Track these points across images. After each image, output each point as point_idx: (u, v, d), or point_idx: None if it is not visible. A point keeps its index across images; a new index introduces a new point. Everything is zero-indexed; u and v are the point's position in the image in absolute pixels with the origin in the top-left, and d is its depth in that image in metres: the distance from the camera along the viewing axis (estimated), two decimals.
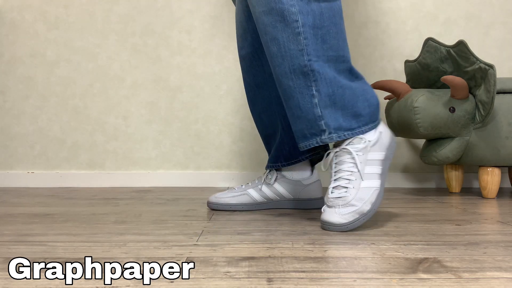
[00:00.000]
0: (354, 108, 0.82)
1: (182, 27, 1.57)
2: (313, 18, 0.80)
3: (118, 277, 0.52)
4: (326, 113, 0.81)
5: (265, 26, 0.82)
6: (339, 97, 0.81)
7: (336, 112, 0.81)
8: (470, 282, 0.50)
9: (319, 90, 0.81)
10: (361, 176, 0.81)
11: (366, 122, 0.83)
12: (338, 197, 0.80)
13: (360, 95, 0.83)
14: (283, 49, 0.81)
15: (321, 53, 0.80)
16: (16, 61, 1.56)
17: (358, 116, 0.82)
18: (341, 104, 0.81)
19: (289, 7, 0.79)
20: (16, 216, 0.95)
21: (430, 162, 1.27)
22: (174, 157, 1.57)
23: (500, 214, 0.97)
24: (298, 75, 0.81)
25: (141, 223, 0.87)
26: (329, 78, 0.81)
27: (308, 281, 0.51)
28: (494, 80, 1.13)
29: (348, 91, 0.81)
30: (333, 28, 0.81)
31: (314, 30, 0.80)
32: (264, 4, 0.81)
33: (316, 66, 0.80)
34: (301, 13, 0.79)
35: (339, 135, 0.82)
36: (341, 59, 0.82)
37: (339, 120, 0.81)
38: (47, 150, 1.56)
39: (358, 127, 0.83)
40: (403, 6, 1.57)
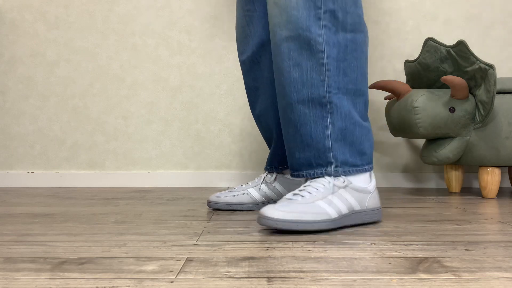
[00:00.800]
0: (361, 145, 0.84)
1: (182, 27, 1.57)
2: (337, 51, 0.81)
3: (118, 277, 0.52)
4: (336, 147, 0.82)
5: (290, 51, 0.82)
6: (350, 133, 0.83)
7: (345, 147, 0.83)
8: (470, 282, 0.50)
9: (333, 122, 0.82)
10: (324, 197, 0.80)
11: (369, 161, 0.86)
12: (289, 199, 0.78)
13: (366, 134, 0.85)
14: (305, 77, 0.82)
15: (341, 85, 0.82)
16: (16, 61, 1.56)
17: (363, 154, 0.85)
18: (351, 140, 0.83)
19: (316, 36, 0.80)
20: (16, 216, 0.95)
21: (430, 162, 1.27)
22: (174, 157, 1.57)
23: (500, 214, 0.97)
24: (316, 105, 0.82)
25: (141, 223, 0.87)
26: (345, 112, 0.82)
27: (308, 281, 0.51)
28: (494, 80, 1.13)
29: (359, 129, 0.84)
30: (354, 62, 0.83)
31: (337, 63, 0.81)
32: (291, 29, 0.81)
33: (334, 98, 0.81)
34: (327, 44, 0.81)
35: (344, 169, 0.83)
36: (358, 93, 0.84)
37: (346, 155, 0.83)
38: (47, 150, 1.56)
39: (362, 164, 0.85)
40: (403, 6, 1.57)
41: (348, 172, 0.83)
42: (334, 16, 0.81)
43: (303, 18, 0.81)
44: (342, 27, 0.81)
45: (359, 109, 0.85)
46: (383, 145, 1.57)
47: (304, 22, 0.81)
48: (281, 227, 0.74)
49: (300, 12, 0.81)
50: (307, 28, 0.80)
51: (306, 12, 0.81)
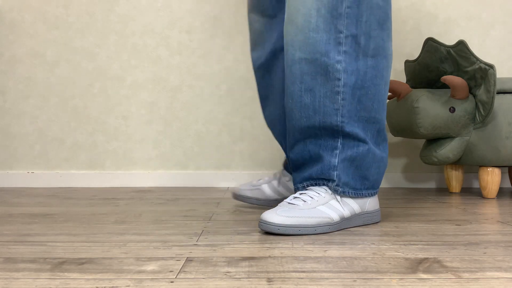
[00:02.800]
0: (366, 171, 0.82)
1: (182, 27, 1.57)
2: (355, 78, 0.78)
3: (118, 277, 0.52)
4: (342, 167, 0.81)
5: (303, 75, 0.78)
6: (359, 157, 0.81)
7: (350, 168, 0.81)
8: (470, 282, 0.50)
9: (344, 145, 0.81)
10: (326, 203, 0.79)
11: (368, 187, 0.84)
12: (290, 203, 0.78)
13: (376, 161, 0.83)
14: (317, 103, 0.78)
15: (354, 114, 0.79)
16: (16, 61, 1.56)
17: (365, 179, 0.83)
18: (357, 164, 0.81)
19: (335, 63, 0.76)
20: (16, 216, 0.95)
21: (430, 162, 1.27)
22: (174, 157, 1.57)
23: (500, 214, 0.97)
24: (328, 131, 0.80)
25: (141, 223, 0.87)
26: (356, 138, 0.80)
27: (308, 281, 0.51)
28: (494, 80, 1.13)
29: (370, 155, 0.82)
30: (372, 89, 0.79)
31: (353, 91, 0.78)
32: (308, 51, 0.77)
33: (347, 128, 0.79)
34: (345, 72, 0.77)
35: (344, 190, 0.81)
36: (372, 120, 0.81)
37: (349, 177, 0.81)
38: (47, 150, 1.56)
39: (360, 189, 0.83)
40: (403, 6, 1.57)
41: (347, 194, 0.81)
42: (356, 42, 0.76)
43: (322, 42, 0.75)
44: (364, 53, 0.77)
45: (370, 136, 0.82)
46: None
47: (323, 46, 0.75)
48: (282, 232, 0.74)
49: (320, 34, 0.75)
50: (325, 53, 0.75)
51: (326, 35, 0.75)
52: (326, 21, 0.75)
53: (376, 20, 0.77)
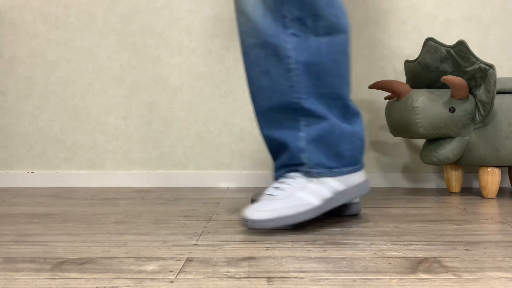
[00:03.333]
0: (337, 148, 0.81)
1: (182, 27, 1.57)
2: (308, 55, 0.78)
3: (118, 277, 0.52)
4: (310, 148, 0.80)
5: (258, 58, 0.80)
6: (326, 134, 0.80)
7: (320, 148, 0.81)
8: (470, 282, 0.50)
9: (308, 125, 0.81)
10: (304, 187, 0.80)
11: (346, 164, 0.83)
12: (270, 194, 0.79)
13: (347, 136, 0.82)
14: (274, 84, 0.80)
15: (313, 90, 0.79)
16: (16, 61, 1.56)
17: (340, 156, 0.82)
18: (326, 142, 0.80)
19: (284, 43, 0.78)
20: (16, 216, 0.95)
21: (430, 162, 1.27)
22: (174, 157, 1.57)
23: (500, 214, 0.97)
24: (288, 110, 0.80)
25: (141, 223, 0.87)
26: (317, 115, 0.80)
27: (308, 281, 0.51)
28: (494, 80, 1.13)
29: (336, 131, 0.81)
30: (329, 64, 0.79)
31: (307, 67, 0.78)
32: (258, 36, 0.79)
33: (305, 103, 0.79)
34: (295, 49, 0.78)
35: (318, 171, 0.81)
36: (335, 96, 0.81)
37: (321, 157, 0.81)
38: (47, 150, 1.56)
39: (337, 167, 0.82)
40: (403, 6, 1.57)
41: (323, 174, 0.81)
42: (303, 23, 0.77)
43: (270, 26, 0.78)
44: (315, 32, 0.78)
45: (337, 112, 0.82)
46: (383, 145, 1.57)
47: (272, 30, 0.78)
48: (263, 227, 0.75)
49: (267, 20, 0.78)
50: (274, 36, 0.78)
51: (273, 21, 0.78)
52: (271, 9, 0.78)
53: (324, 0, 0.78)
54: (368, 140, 1.58)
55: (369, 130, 1.58)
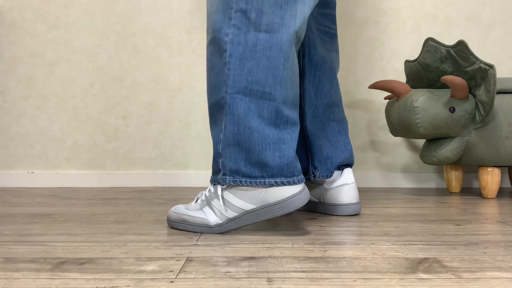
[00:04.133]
0: (260, 155, 0.74)
1: (182, 27, 1.57)
2: (243, 49, 0.75)
3: (118, 277, 0.52)
4: (226, 152, 0.75)
5: (209, 55, 0.80)
6: (245, 138, 0.74)
7: (239, 154, 0.75)
8: (470, 282, 0.50)
9: (226, 125, 0.76)
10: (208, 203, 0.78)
11: (274, 174, 0.74)
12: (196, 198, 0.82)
13: (273, 142, 0.74)
14: (216, 80, 0.77)
15: (243, 85, 0.75)
16: (16, 61, 1.56)
17: (264, 165, 0.74)
18: (246, 146, 0.74)
19: (223, 36, 0.77)
20: (16, 216, 0.95)
21: (430, 162, 1.27)
22: (174, 157, 1.57)
23: (500, 214, 0.97)
24: (219, 107, 0.77)
25: (141, 223, 0.87)
26: (239, 114, 0.74)
27: (308, 281, 0.51)
28: (494, 80, 1.13)
29: (257, 135, 0.74)
30: (264, 61, 0.75)
31: (241, 61, 0.75)
32: (210, 33, 0.79)
33: (228, 99, 0.75)
34: (231, 43, 0.76)
35: (235, 179, 0.75)
36: (266, 97, 0.75)
37: (240, 164, 0.75)
38: (47, 150, 1.56)
39: (262, 177, 0.74)
40: (403, 6, 1.57)
41: (240, 183, 0.74)
42: (246, 16, 0.76)
43: (219, 20, 0.78)
44: (255, 27, 0.76)
45: (266, 115, 0.75)
46: (383, 145, 1.57)
47: (219, 24, 0.77)
48: (169, 225, 0.82)
49: (218, 15, 0.78)
50: (219, 29, 0.77)
51: (222, 14, 0.78)
52: (224, 2, 0.78)
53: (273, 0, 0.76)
54: (368, 140, 1.58)
55: (369, 130, 1.58)
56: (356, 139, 1.57)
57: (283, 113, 0.76)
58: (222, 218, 0.76)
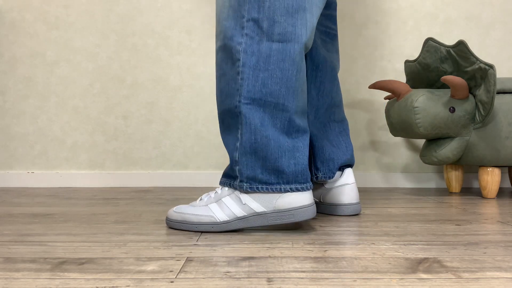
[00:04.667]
0: (276, 162, 0.76)
1: (182, 27, 1.57)
2: (256, 59, 0.76)
3: (118, 277, 0.52)
4: (243, 160, 0.77)
5: (220, 61, 0.81)
6: (261, 147, 0.76)
7: (256, 162, 0.77)
8: (470, 282, 0.50)
9: (242, 134, 0.77)
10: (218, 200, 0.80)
11: (289, 181, 0.77)
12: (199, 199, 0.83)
13: (288, 150, 0.77)
14: (227, 87, 0.79)
15: (258, 97, 0.76)
16: (16, 61, 1.56)
17: (280, 172, 0.76)
18: (263, 155, 0.76)
19: (236, 45, 0.77)
20: (16, 216, 0.95)
21: (430, 162, 1.27)
22: (174, 157, 1.57)
23: (500, 214, 0.97)
24: (232, 115, 0.78)
25: (141, 223, 0.87)
26: (255, 124, 0.76)
27: (308, 281, 0.51)
28: (494, 80, 1.13)
29: (273, 143, 0.76)
30: (277, 72, 0.76)
31: (254, 72, 0.76)
32: (220, 39, 0.80)
33: (244, 109, 0.77)
34: (245, 52, 0.77)
35: (252, 185, 0.77)
36: (280, 107, 0.77)
37: (257, 171, 0.77)
38: (47, 150, 1.56)
39: (278, 183, 0.77)
40: (403, 6, 1.57)
41: (257, 189, 0.77)
42: (258, 26, 0.77)
43: (230, 28, 0.78)
44: (268, 37, 0.76)
45: (279, 125, 0.77)
46: (383, 145, 1.57)
47: (230, 31, 0.78)
48: (169, 225, 0.82)
49: (229, 22, 0.78)
50: (231, 37, 0.78)
51: (233, 22, 0.78)
52: (234, 9, 0.78)
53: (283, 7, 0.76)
54: (368, 140, 1.58)
55: (369, 130, 1.58)
56: (356, 139, 1.57)
57: (295, 123, 0.78)
58: (230, 215, 0.77)
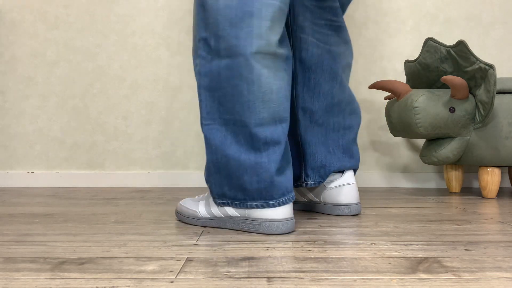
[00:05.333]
0: (239, 180, 0.77)
1: (182, 27, 1.57)
2: (209, 80, 0.77)
3: (118, 277, 0.52)
4: (211, 179, 0.80)
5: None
6: (223, 165, 0.78)
7: (222, 180, 0.79)
8: (470, 282, 0.50)
9: (207, 154, 0.80)
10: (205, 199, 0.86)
11: (254, 197, 0.77)
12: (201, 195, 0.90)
13: (250, 168, 0.76)
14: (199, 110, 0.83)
15: (217, 116, 0.78)
16: (16, 61, 1.56)
17: (244, 189, 0.77)
18: (226, 173, 0.78)
19: (195, 67, 0.80)
20: (16, 216, 0.95)
21: (430, 162, 1.27)
22: (174, 157, 1.57)
23: (500, 214, 0.97)
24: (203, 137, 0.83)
25: (141, 223, 0.87)
26: (215, 144, 0.78)
27: (308, 281, 0.51)
28: (494, 80, 1.13)
29: (233, 162, 0.76)
30: (229, 90, 0.75)
31: (210, 92, 0.78)
32: None
33: (204, 130, 0.79)
34: (199, 74, 0.79)
35: (223, 201, 0.80)
36: (239, 124, 0.76)
37: (224, 188, 0.79)
38: (47, 150, 1.56)
39: (244, 199, 0.78)
40: (403, 6, 1.57)
41: (228, 204, 0.80)
42: (207, 44, 0.77)
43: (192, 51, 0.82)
44: (217, 54, 0.76)
45: (241, 141, 0.76)
46: (383, 145, 1.57)
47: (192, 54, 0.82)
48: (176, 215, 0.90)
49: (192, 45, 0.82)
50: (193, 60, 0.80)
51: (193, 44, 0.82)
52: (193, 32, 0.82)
53: (227, 19, 0.74)
54: (368, 140, 1.58)
55: (369, 130, 1.58)
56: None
57: (259, 136, 0.76)
58: (210, 214, 0.83)
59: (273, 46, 0.76)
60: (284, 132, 0.78)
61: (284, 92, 0.78)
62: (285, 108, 0.78)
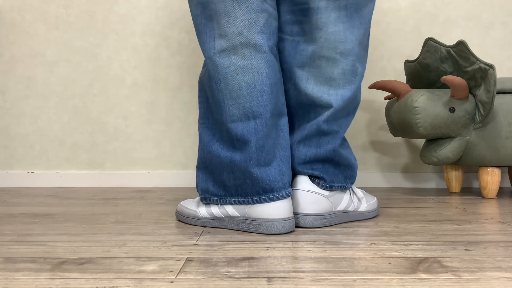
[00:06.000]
0: (220, 176, 0.81)
1: (182, 27, 1.57)
2: (201, 83, 0.85)
3: (118, 277, 0.52)
4: (199, 174, 0.85)
5: None
6: (208, 161, 0.83)
7: (208, 175, 0.83)
8: (470, 282, 0.50)
9: (198, 151, 0.86)
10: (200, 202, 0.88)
11: (232, 194, 0.79)
12: None
13: (226, 165, 0.79)
14: None
15: (206, 116, 0.85)
16: (16, 61, 1.56)
17: (225, 186, 0.80)
18: (211, 168, 0.82)
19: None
20: (16, 216, 0.95)
21: (430, 162, 1.27)
22: (174, 157, 1.57)
23: (500, 214, 0.97)
24: None
25: (141, 223, 0.87)
26: (204, 141, 0.84)
27: (308, 281, 0.51)
28: (494, 80, 1.13)
29: (215, 158, 0.81)
30: (209, 92, 0.82)
31: (202, 93, 0.86)
32: None
33: (199, 128, 0.86)
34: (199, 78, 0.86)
35: (206, 197, 0.83)
36: (218, 122, 0.81)
37: (208, 184, 0.83)
38: (47, 150, 1.56)
39: (225, 195, 0.81)
40: (403, 6, 1.57)
41: (210, 201, 0.83)
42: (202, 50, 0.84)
43: None
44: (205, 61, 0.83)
45: (224, 138, 0.80)
46: (383, 145, 1.57)
47: None
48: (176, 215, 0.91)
49: None
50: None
51: None
52: None
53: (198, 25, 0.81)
54: (368, 140, 1.58)
55: (369, 130, 1.58)
56: (356, 139, 1.57)
57: (233, 132, 0.78)
58: (210, 214, 0.83)
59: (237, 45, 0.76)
60: (257, 128, 0.76)
61: (259, 86, 0.76)
62: (259, 103, 0.76)
